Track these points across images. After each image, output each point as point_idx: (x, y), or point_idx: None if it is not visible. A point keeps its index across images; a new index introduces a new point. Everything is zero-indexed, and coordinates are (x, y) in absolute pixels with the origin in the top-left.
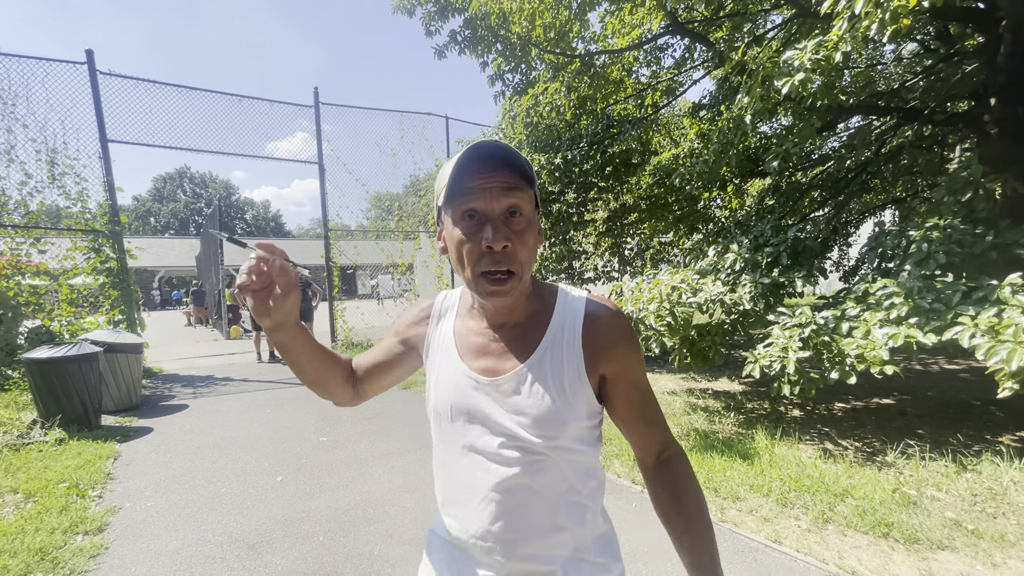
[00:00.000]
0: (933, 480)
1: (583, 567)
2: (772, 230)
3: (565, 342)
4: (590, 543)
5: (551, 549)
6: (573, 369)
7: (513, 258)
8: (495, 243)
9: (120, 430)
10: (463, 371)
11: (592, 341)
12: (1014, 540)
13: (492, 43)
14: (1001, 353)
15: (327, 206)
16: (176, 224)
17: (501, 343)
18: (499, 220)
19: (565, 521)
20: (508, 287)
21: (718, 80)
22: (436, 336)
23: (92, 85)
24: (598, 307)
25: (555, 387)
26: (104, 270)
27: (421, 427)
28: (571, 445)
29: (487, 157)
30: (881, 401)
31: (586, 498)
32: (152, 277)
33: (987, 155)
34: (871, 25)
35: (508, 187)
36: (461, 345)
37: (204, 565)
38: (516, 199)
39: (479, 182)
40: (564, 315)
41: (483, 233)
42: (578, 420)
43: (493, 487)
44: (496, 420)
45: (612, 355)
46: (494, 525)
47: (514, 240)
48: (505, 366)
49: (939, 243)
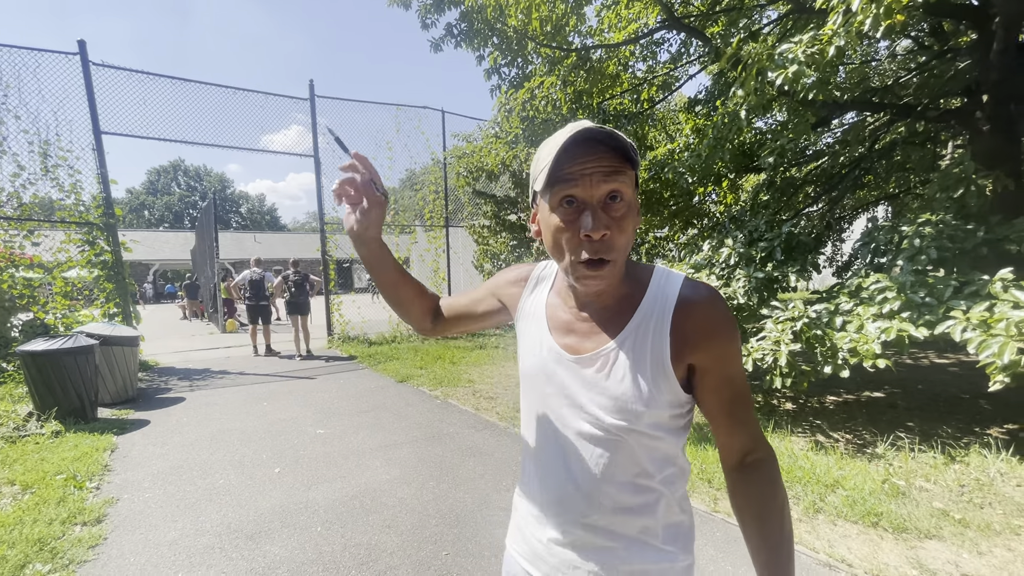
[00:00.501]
0: (922, 471)
1: (648, 551)
2: (766, 225)
3: (652, 327)
4: (660, 529)
5: (618, 526)
6: (657, 356)
7: (611, 246)
8: (594, 232)
9: (117, 423)
10: (549, 345)
11: (682, 328)
12: (999, 529)
13: (488, 36)
14: (993, 347)
15: (323, 200)
16: (171, 217)
17: (588, 322)
18: (599, 207)
19: (633, 502)
20: (604, 273)
21: (714, 75)
22: (529, 303)
23: (85, 76)
24: (694, 291)
25: (633, 373)
26: (99, 263)
27: (418, 420)
28: (648, 431)
29: (590, 140)
30: (872, 394)
31: (660, 484)
32: (147, 270)
33: (979, 152)
34: (865, 20)
35: (610, 172)
36: (551, 318)
37: (203, 555)
38: (617, 184)
39: (579, 167)
40: (656, 298)
41: (582, 221)
42: (657, 408)
43: (568, 458)
44: (575, 396)
45: (704, 345)
46: (563, 490)
47: (613, 228)
48: (587, 345)
49: (931, 238)
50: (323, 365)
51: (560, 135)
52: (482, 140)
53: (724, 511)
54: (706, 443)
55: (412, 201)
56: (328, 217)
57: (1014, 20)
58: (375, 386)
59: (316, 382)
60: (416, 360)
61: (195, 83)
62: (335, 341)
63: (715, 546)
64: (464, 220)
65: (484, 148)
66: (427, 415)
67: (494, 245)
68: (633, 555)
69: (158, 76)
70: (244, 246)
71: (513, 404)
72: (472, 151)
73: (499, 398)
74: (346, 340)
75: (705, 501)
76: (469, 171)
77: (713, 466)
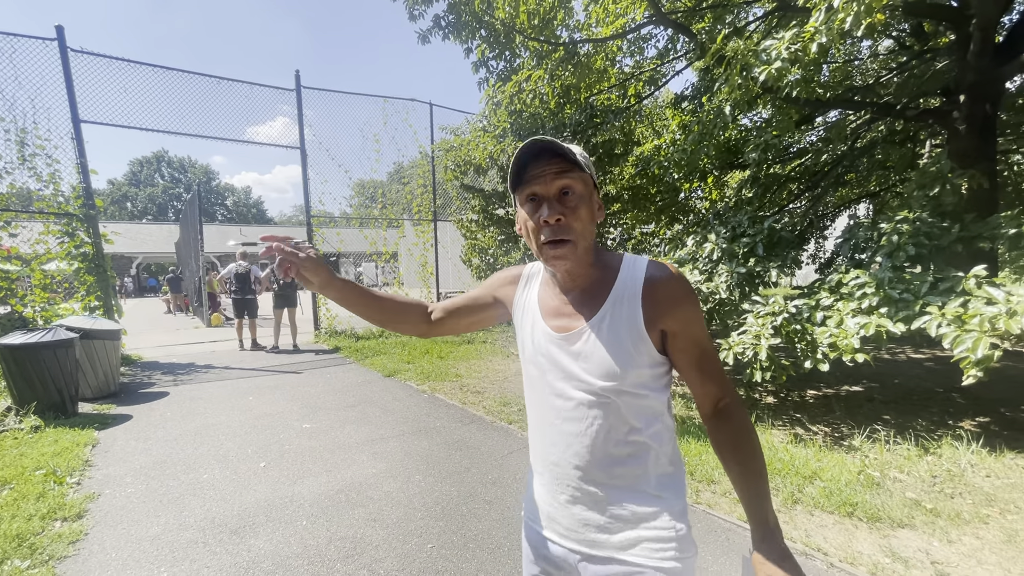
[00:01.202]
0: (896, 463)
1: (642, 496)
2: (749, 221)
3: (626, 301)
4: (652, 479)
5: (612, 479)
6: (633, 324)
7: (567, 229)
8: (549, 217)
9: (98, 417)
10: (543, 329)
11: (652, 299)
12: (969, 519)
13: (476, 29)
14: (967, 342)
15: (309, 192)
16: (154, 209)
17: (571, 305)
18: (554, 199)
19: (626, 454)
20: (564, 252)
21: (700, 72)
22: (523, 298)
23: (63, 63)
24: (658, 270)
25: (615, 340)
26: (79, 255)
27: (404, 414)
28: (633, 390)
29: (539, 150)
30: (851, 388)
31: (649, 438)
32: (130, 263)
33: (955, 151)
34: (846, 18)
35: (560, 171)
36: (542, 307)
37: (186, 549)
38: (567, 180)
39: (538, 170)
40: (626, 278)
41: (541, 211)
42: (639, 368)
43: (565, 421)
44: (568, 368)
45: (671, 312)
46: (565, 453)
47: (567, 214)
48: (574, 323)
49: (909, 236)
50: (309, 359)
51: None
52: (470, 134)
53: (705, 503)
54: (689, 436)
55: (400, 195)
56: (315, 210)
57: (990, 22)
58: (362, 380)
59: (302, 376)
60: (404, 355)
61: (178, 71)
62: (322, 335)
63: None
64: (452, 214)
65: (472, 142)
66: (414, 409)
67: (482, 239)
68: (631, 502)
69: (139, 64)
70: (230, 239)
71: (500, 398)
72: (460, 144)
73: (486, 392)
74: (333, 334)
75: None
76: (457, 165)
77: (694, 459)
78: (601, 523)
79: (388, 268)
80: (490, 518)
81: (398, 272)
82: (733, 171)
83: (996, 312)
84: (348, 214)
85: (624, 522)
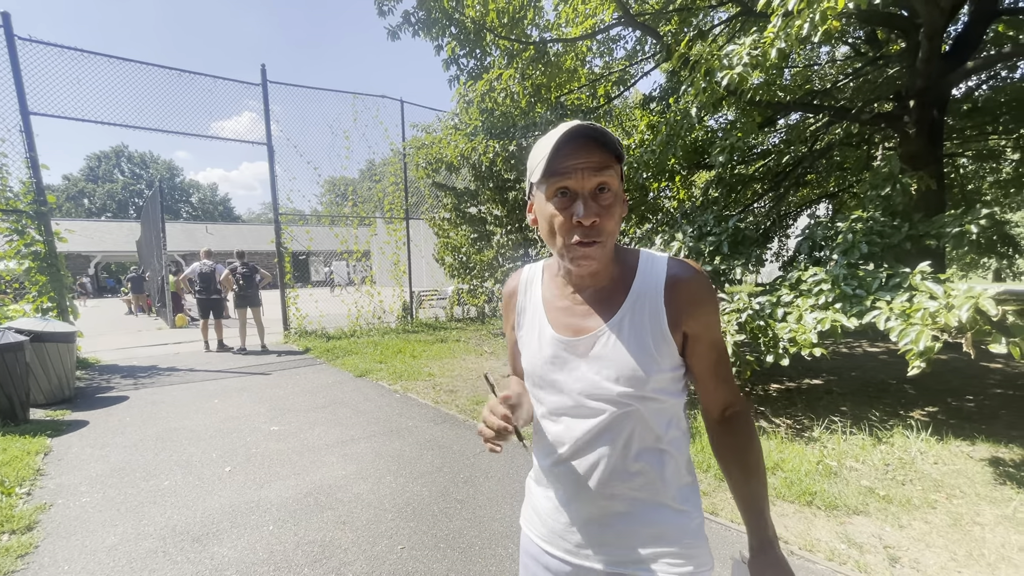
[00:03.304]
0: (852, 452)
1: (664, 511)
2: (715, 220)
3: (648, 301)
4: (673, 491)
5: (633, 491)
6: (657, 326)
7: (600, 231)
8: (585, 218)
9: (51, 424)
10: (550, 335)
11: (675, 300)
12: (918, 504)
13: (446, 26)
14: (911, 334)
15: (277, 189)
16: (114, 206)
17: (585, 305)
18: (589, 197)
19: (647, 467)
20: (594, 253)
21: (667, 73)
22: (526, 306)
23: (10, 51)
24: (681, 268)
25: (637, 343)
26: (29, 254)
27: (376, 414)
28: (654, 396)
29: (580, 138)
30: (812, 382)
31: (668, 445)
32: (88, 262)
33: (906, 153)
34: (803, 24)
35: (599, 166)
36: (549, 311)
37: (144, 560)
38: (606, 177)
39: (573, 162)
40: (646, 276)
41: (574, 208)
42: (661, 372)
43: (581, 433)
44: (582, 375)
45: (694, 313)
46: (580, 466)
47: (602, 215)
48: (588, 325)
49: (862, 234)
50: (278, 360)
51: (555, 133)
52: (442, 132)
53: None
54: None
55: (372, 192)
56: (283, 208)
57: (937, 31)
58: (332, 381)
59: (271, 378)
60: (376, 354)
61: (136, 63)
62: (291, 336)
63: None
64: (425, 212)
65: (444, 140)
66: (386, 409)
67: (455, 238)
68: (651, 517)
69: (94, 54)
70: (195, 237)
71: (473, 396)
72: (431, 142)
73: (459, 391)
74: (303, 335)
75: None
76: (429, 163)
77: None
78: (619, 539)
79: (360, 267)
80: (462, 517)
81: (370, 271)
82: (700, 171)
83: (937, 306)
84: (319, 212)
85: (645, 537)
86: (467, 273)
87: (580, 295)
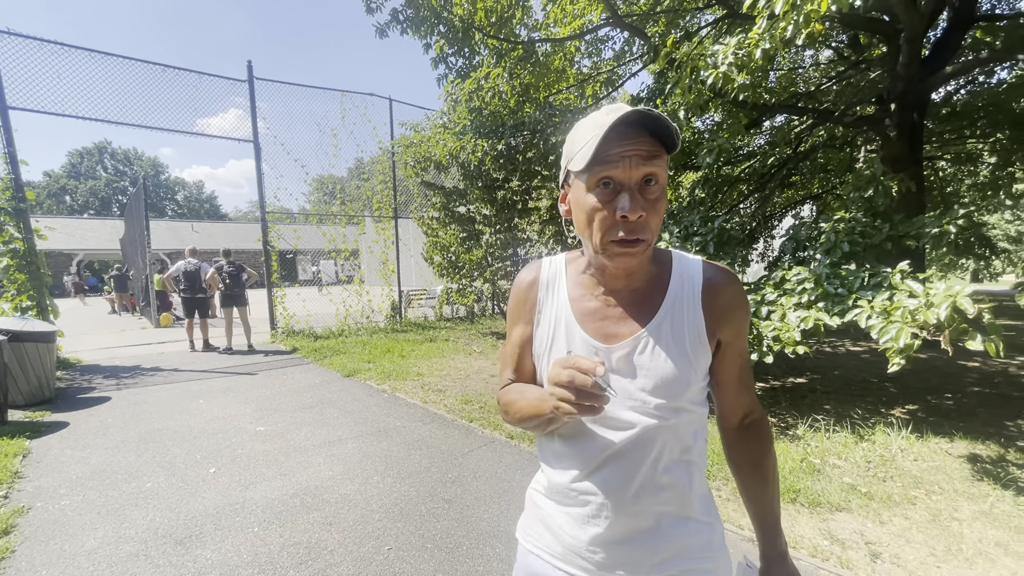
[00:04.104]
0: (835, 450)
1: (689, 525)
2: (701, 220)
3: (686, 306)
4: (696, 503)
5: (659, 505)
6: (695, 332)
7: (645, 227)
8: (631, 213)
9: (30, 425)
10: (581, 337)
11: (712, 305)
12: (899, 500)
13: (435, 24)
14: (891, 332)
15: (264, 187)
16: (96, 204)
17: (619, 308)
18: (635, 189)
19: (675, 480)
20: (637, 251)
21: (655, 74)
22: (550, 305)
23: None
24: (716, 272)
25: (677, 350)
26: (7, 251)
27: (364, 414)
28: (689, 407)
29: (632, 124)
30: (796, 380)
31: (696, 456)
32: (70, 260)
33: (887, 156)
34: (787, 27)
35: (648, 156)
36: (578, 312)
37: (125, 564)
38: (654, 167)
39: (620, 149)
40: (683, 279)
41: (618, 202)
42: (698, 382)
43: (611, 448)
44: (617, 384)
45: (729, 320)
46: (609, 481)
47: (648, 209)
48: (624, 330)
49: (845, 234)
50: (265, 360)
51: (603, 116)
52: (430, 130)
53: None
54: None
55: (360, 191)
56: (270, 206)
57: (917, 36)
58: (320, 381)
59: (257, 378)
60: (364, 354)
61: (118, 58)
62: (279, 335)
63: None
64: (414, 211)
65: (432, 138)
66: (373, 409)
67: (443, 237)
68: (678, 532)
69: (75, 48)
70: (181, 235)
71: (462, 396)
72: (420, 141)
73: (448, 391)
74: (290, 334)
75: None
76: (417, 161)
77: None
78: (645, 556)
79: (348, 266)
80: (449, 517)
81: (359, 270)
82: (687, 172)
83: (917, 304)
84: (307, 210)
85: (670, 552)
86: (456, 272)
87: (613, 296)
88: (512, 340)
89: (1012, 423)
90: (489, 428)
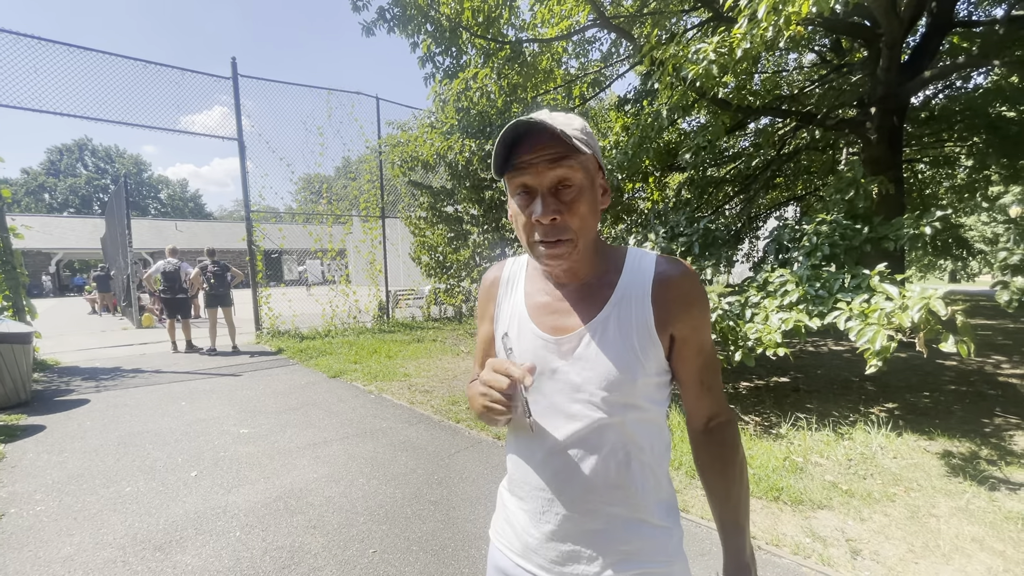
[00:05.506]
0: (817, 448)
1: (643, 527)
2: (687, 221)
3: (634, 300)
4: (653, 506)
5: (611, 505)
6: (643, 326)
7: (564, 228)
8: (543, 217)
9: (4, 429)
10: (531, 331)
11: (663, 300)
12: (878, 497)
13: (422, 23)
14: (868, 334)
15: (248, 186)
16: (76, 202)
17: (567, 302)
18: (547, 193)
19: (627, 480)
20: (561, 252)
21: (641, 75)
22: (508, 301)
23: None
24: (671, 265)
25: (623, 344)
26: None
27: (349, 416)
28: (640, 403)
29: (530, 131)
30: (779, 380)
31: (651, 458)
32: (48, 260)
33: (868, 158)
34: (768, 28)
35: (554, 159)
36: (530, 307)
37: (102, 570)
38: (564, 170)
39: (528, 156)
40: (633, 273)
41: (533, 207)
42: (647, 377)
43: (559, 443)
44: (564, 377)
45: (683, 315)
46: (557, 478)
47: (564, 211)
48: (570, 323)
49: (825, 236)
50: (250, 361)
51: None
52: (418, 130)
53: None
54: None
55: (347, 190)
56: (255, 205)
57: (896, 41)
58: (305, 382)
59: (241, 379)
60: (350, 355)
61: (98, 53)
62: (264, 336)
63: None
64: (401, 211)
65: (420, 138)
66: (359, 411)
67: (431, 237)
68: (630, 534)
69: (53, 43)
70: (164, 234)
71: (449, 396)
72: (407, 140)
73: (435, 391)
74: (276, 335)
75: None
76: (404, 161)
77: None
78: (596, 557)
79: (334, 266)
80: (435, 519)
81: (345, 270)
82: (673, 173)
83: (893, 307)
84: (293, 209)
85: (622, 555)
86: (444, 272)
87: (561, 291)
88: (479, 336)
89: (987, 420)
90: (476, 429)
